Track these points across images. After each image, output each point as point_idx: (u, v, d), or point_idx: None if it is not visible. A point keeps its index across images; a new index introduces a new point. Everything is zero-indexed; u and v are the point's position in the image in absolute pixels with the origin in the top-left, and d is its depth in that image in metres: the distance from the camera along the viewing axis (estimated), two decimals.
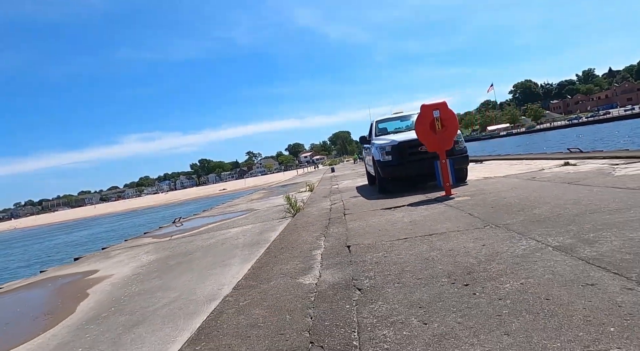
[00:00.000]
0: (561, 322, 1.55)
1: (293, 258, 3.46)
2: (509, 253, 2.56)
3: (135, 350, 2.18)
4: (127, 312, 2.92)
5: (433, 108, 5.89)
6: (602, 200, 3.68)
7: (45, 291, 4.48)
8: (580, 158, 7.90)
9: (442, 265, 2.53)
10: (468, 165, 7.33)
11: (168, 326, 2.44)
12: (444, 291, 2.09)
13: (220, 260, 4.21)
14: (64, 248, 19.60)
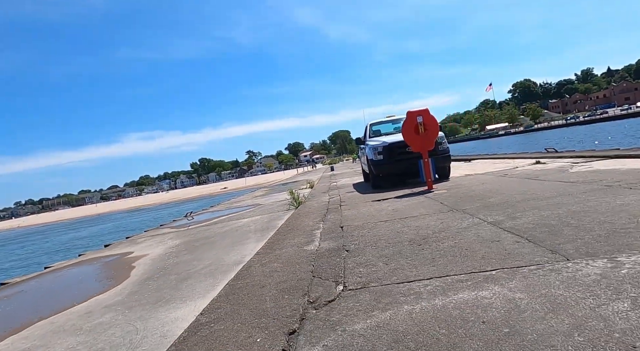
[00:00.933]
0: (467, 260, 2.52)
1: (298, 236, 4.43)
2: (456, 226, 3.52)
3: (191, 290, 3.15)
4: (174, 273, 3.89)
5: (417, 114, 6.85)
6: (543, 191, 4.64)
7: (95, 266, 5.44)
8: (552, 157, 8.87)
9: (408, 235, 3.49)
10: (450, 163, 8.28)
11: (209, 279, 3.41)
12: (404, 249, 3.05)
13: (238, 240, 5.18)
14: (81, 242, 20.58)
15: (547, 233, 2.79)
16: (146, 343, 2.18)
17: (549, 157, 8.95)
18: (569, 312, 1.60)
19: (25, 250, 22.08)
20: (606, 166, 6.05)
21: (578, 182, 4.94)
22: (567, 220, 3.08)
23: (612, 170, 5.45)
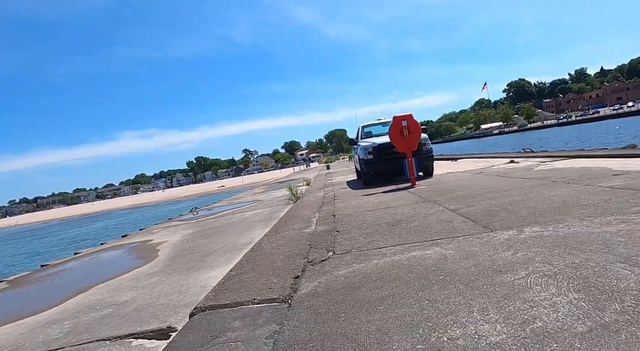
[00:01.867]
0: (424, 234, 3.41)
1: (298, 222, 5.32)
2: (424, 213, 4.42)
3: (215, 261, 4.03)
4: (197, 252, 4.77)
5: (402, 119, 7.74)
6: (502, 186, 5.56)
7: (122, 250, 6.31)
8: (526, 157, 9.81)
9: (385, 219, 4.39)
10: (433, 162, 9.19)
11: (228, 254, 4.29)
12: (380, 228, 3.95)
13: (246, 228, 6.06)
14: (89, 236, 21.36)
15: (487, 216, 3.70)
16: (192, 291, 3.07)
17: (524, 157, 9.90)
18: (474, 258, 2.50)
19: (39, 244, 22.84)
20: (564, 165, 6.98)
21: (533, 178, 5.86)
22: (506, 206, 3.99)
23: (566, 169, 6.38)
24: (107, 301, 3.24)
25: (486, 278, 2.14)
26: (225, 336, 1.97)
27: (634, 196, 3.51)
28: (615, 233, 2.51)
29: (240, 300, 2.41)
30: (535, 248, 2.50)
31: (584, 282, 1.87)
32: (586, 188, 4.29)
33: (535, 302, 1.75)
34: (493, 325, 1.61)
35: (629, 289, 1.72)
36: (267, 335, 1.92)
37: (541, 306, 1.70)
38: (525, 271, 2.14)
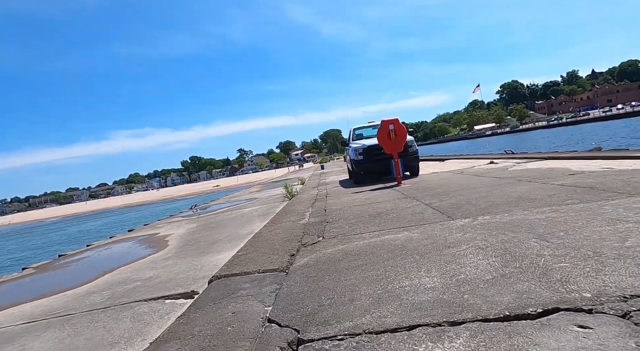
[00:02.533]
0: (399, 223, 4.09)
1: (293, 216, 5.97)
2: (402, 207, 5.10)
3: (221, 248, 4.67)
4: (204, 241, 5.41)
5: (389, 123, 8.42)
6: (476, 184, 6.25)
7: (132, 242, 6.92)
8: (505, 158, 10.55)
9: (369, 212, 5.06)
10: (418, 163, 9.88)
11: (232, 242, 4.93)
12: (363, 219, 4.62)
13: (246, 221, 6.70)
14: (91, 232, 21.83)
15: (454, 208, 4.38)
16: (205, 268, 3.71)
17: (504, 158, 10.63)
18: (433, 238, 3.18)
19: (42, 240, 23.27)
20: (535, 166, 7.70)
21: (504, 178, 6.57)
22: (471, 201, 4.68)
23: (535, 169, 7.10)
24: (134, 278, 3.88)
25: (437, 251, 2.82)
26: (238, 293, 2.63)
27: (574, 192, 4.21)
28: (543, 219, 3.20)
29: (248, 270, 3.07)
30: (480, 231, 3.18)
31: (503, 251, 2.55)
32: (541, 186, 4.99)
33: (465, 264, 2.42)
34: (432, 278, 2.28)
35: (531, 254, 2.40)
36: (270, 291, 2.58)
37: (468, 267, 2.37)
38: (466, 246, 2.82)
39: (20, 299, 3.84)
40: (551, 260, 2.25)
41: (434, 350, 1.52)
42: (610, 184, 4.31)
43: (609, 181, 4.53)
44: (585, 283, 1.86)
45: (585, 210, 3.30)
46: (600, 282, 1.84)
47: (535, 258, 2.31)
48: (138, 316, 2.65)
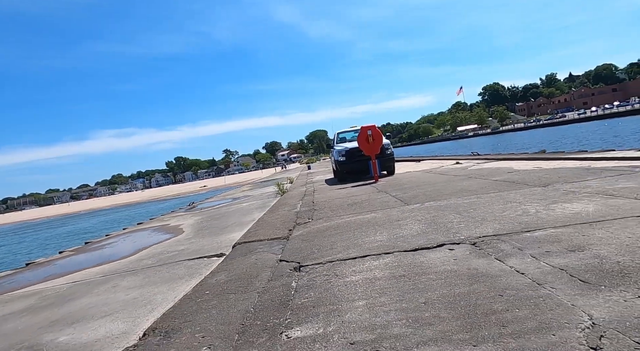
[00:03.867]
0: (368, 208, 5.43)
1: (287, 207, 7.27)
2: (374, 198, 6.45)
3: (231, 231, 5.93)
4: (214, 227, 6.66)
5: (368, 128, 9.80)
6: (436, 180, 7.66)
7: (148, 231, 8.08)
8: (469, 159, 12.04)
9: (348, 202, 6.39)
10: (394, 163, 11.27)
11: (239, 227, 6.19)
12: (343, 207, 5.95)
13: (246, 213, 7.96)
14: (91, 229, 22.62)
15: (411, 198, 5.75)
16: (225, 242, 4.98)
17: (468, 159, 12.13)
18: (390, 216, 4.52)
19: (43, 237, 23.93)
20: (489, 165, 9.16)
21: (459, 175, 7.99)
22: (427, 193, 6.06)
23: (487, 168, 8.55)
24: (169, 250, 5.11)
25: (390, 223, 4.16)
26: (256, 250, 3.92)
27: (500, 185, 5.62)
28: (466, 203, 4.58)
29: (260, 238, 4.37)
30: (423, 211, 4.54)
31: (430, 221, 3.91)
32: (482, 181, 6.41)
33: (404, 229, 3.76)
34: (382, 236, 3.62)
35: (446, 222, 3.75)
36: (278, 248, 3.88)
37: (405, 230, 3.72)
38: (409, 220, 4.17)
39: (83, 267, 5.03)
40: (455, 224, 3.62)
41: (374, 262, 2.85)
42: (527, 179, 5.74)
43: (529, 177, 5.97)
44: (465, 233, 3.22)
45: (497, 196, 4.70)
46: (473, 232, 3.21)
47: (447, 224, 3.67)
48: (188, 267, 3.91)
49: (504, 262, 2.39)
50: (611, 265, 2.06)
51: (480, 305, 1.85)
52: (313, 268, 2.97)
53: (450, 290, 2.10)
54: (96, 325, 2.61)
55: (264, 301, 2.43)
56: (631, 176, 4.67)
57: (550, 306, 1.72)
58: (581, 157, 7.45)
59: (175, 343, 1.99)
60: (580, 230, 2.76)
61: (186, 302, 2.69)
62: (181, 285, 3.25)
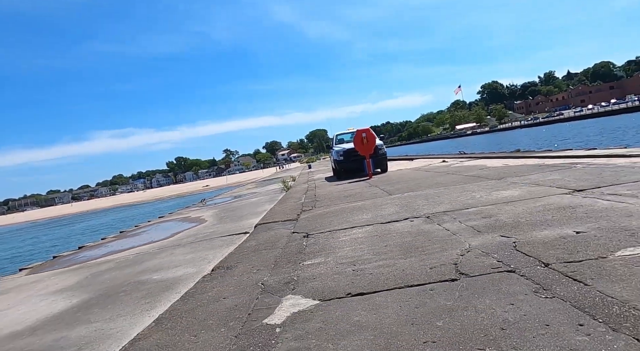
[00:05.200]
0: (361, 198, 6.74)
1: (293, 200, 8.59)
2: (366, 191, 7.76)
3: (249, 218, 7.25)
4: (233, 217, 7.97)
5: (362, 131, 11.11)
6: (421, 176, 8.97)
7: (173, 221, 9.39)
8: (455, 157, 13.35)
9: (344, 195, 7.71)
10: (387, 162, 12.58)
11: (254, 215, 7.50)
12: (340, 198, 7.26)
13: (258, 205, 9.27)
14: (105, 226, 23.95)
15: (395, 190, 7.06)
16: (246, 226, 6.29)
17: (454, 157, 13.44)
18: (376, 203, 5.83)
19: (60, 234, 25.31)
20: (468, 163, 10.47)
21: (441, 172, 9.30)
22: (409, 186, 7.37)
23: (465, 165, 9.85)
24: (201, 232, 6.42)
25: (375, 208, 5.47)
26: (274, 228, 5.24)
27: (467, 179, 6.93)
28: (435, 193, 5.89)
29: (275, 220, 5.69)
30: (401, 199, 5.85)
31: (404, 205, 5.22)
32: (456, 176, 7.72)
33: (385, 210, 5.08)
34: (367, 216, 4.93)
35: (415, 206, 5.07)
36: (290, 226, 5.19)
37: (385, 211, 5.03)
38: (389, 205, 5.48)
39: (132, 246, 6.35)
40: (421, 206, 4.93)
41: (359, 229, 4.17)
42: (490, 174, 7.05)
43: (493, 173, 7.28)
44: (424, 211, 4.54)
45: (460, 187, 6.02)
46: (430, 210, 4.53)
47: (415, 206, 4.99)
48: (223, 240, 5.22)
49: (441, 225, 3.71)
50: (499, 224, 3.37)
51: (416, 245, 3.17)
52: (317, 235, 4.29)
53: (402, 239, 3.41)
54: (174, 270, 3.93)
55: (286, 252, 3.75)
56: (564, 171, 5.98)
57: (452, 243, 3.03)
58: (542, 155, 8.77)
59: (236, 271, 3.31)
60: (498, 207, 4.07)
61: (232, 256, 4.01)
62: (223, 249, 4.57)
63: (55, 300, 3.60)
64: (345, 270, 2.81)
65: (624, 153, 6.55)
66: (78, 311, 3.11)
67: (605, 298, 1.71)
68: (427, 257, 2.79)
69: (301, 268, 3.08)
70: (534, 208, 3.74)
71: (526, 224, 3.19)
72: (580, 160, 6.97)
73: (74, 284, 4.16)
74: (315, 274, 2.85)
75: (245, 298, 2.55)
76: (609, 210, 3.19)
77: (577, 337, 1.46)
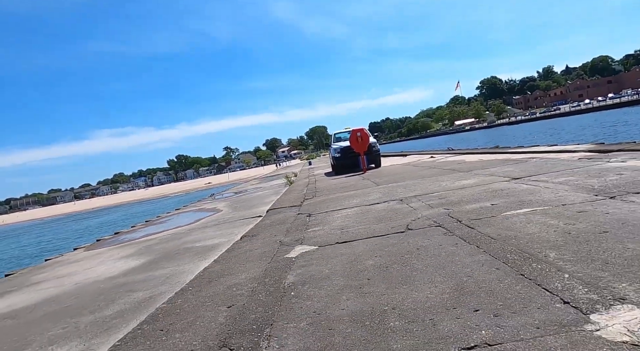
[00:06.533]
0: (353, 189, 8.07)
1: (296, 192, 9.92)
2: (359, 183, 9.08)
3: (259, 207, 8.58)
4: (244, 206, 9.31)
5: (357, 131, 12.44)
6: (408, 170, 10.28)
7: (192, 212, 10.72)
8: (443, 153, 14.66)
9: (340, 187, 9.03)
10: (380, 158, 13.89)
11: (263, 204, 8.84)
12: (337, 189, 8.59)
13: (265, 197, 10.60)
14: (118, 222, 25.34)
15: (383, 182, 8.38)
16: (257, 212, 7.62)
17: (442, 153, 14.75)
18: (364, 191, 7.16)
19: (76, 228, 26.71)
20: (451, 159, 11.77)
21: (426, 166, 10.62)
22: (395, 178, 8.69)
23: (448, 161, 11.16)
24: (221, 218, 7.74)
25: (363, 195, 6.80)
26: (282, 211, 6.57)
27: (443, 172, 8.25)
28: (413, 183, 7.21)
29: (283, 206, 7.03)
30: (385, 188, 7.17)
31: (386, 193, 6.55)
32: (435, 170, 9.03)
33: (370, 196, 6.40)
34: (356, 201, 6.26)
35: (396, 193, 6.39)
36: (295, 210, 6.52)
37: (370, 197, 6.36)
38: (375, 192, 6.80)
39: (164, 229, 7.68)
40: (398, 193, 6.25)
41: (348, 210, 5.49)
42: (464, 168, 8.36)
43: (466, 166, 8.60)
44: (400, 196, 5.86)
45: (434, 179, 7.33)
46: (404, 195, 5.85)
47: (394, 193, 6.31)
48: (242, 222, 6.55)
49: (408, 204, 5.03)
50: (447, 202, 4.69)
51: (387, 217, 4.49)
52: (316, 214, 5.62)
53: (378, 214, 4.74)
54: (210, 240, 5.26)
55: (294, 225, 5.07)
56: (519, 164, 7.29)
57: (410, 214, 4.36)
58: (512, 151, 10.09)
59: (259, 237, 4.64)
60: (454, 192, 5.39)
61: (254, 229, 5.34)
62: (244, 227, 5.90)
63: (126, 261, 4.93)
64: (336, 232, 4.13)
65: (569, 149, 7.86)
66: (149, 264, 4.45)
67: (479, 234, 3.04)
68: (391, 222, 4.11)
69: (306, 233, 4.41)
70: (477, 191, 5.06)
71: (464, 201, 4.52)
72: (537, 155, 8.28)
73: (133, 252, 5.50)
74: (316, 235, 4.18)
75: (270, 248, 3.88)
76: (523, 190, 4.51)
77: (452, 248, 2.79)
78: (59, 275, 4.88)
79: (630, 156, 5.63)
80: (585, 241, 2.41)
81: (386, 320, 1.84)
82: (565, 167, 5.80)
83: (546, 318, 1.59)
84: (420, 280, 2.30)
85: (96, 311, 2.96)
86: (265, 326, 2.04)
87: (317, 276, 2.74)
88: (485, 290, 1.99)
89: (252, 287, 2.74)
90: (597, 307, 1.59)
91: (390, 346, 1.60)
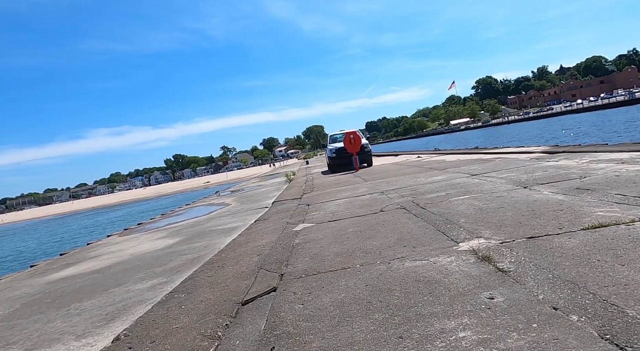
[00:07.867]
0: (344, 185, 9.41)
1: (296, 187, 11.25)
2: (350, 180, 10.42)
3: (264, 201, 9.91)
4: (252, 201, 10.63)
5: (350, 133, 13.80)
6: (395, 168, 11.64)
7: (202, 206, 12.03)
8: (429, 153, 16.03)
9: (334, 183, 10.37)
10: (371, 158, 15.25)
11: (267, 199, 10.16)
12: (331, 185, 9.93)
13: (268, 193, 11.93)
14: (126, 218, 26.56)
15: (371, 178, 9.72)
16: (263, 204, 8.95)
17: (429, 153, 16.12)
18: (354, 186, 8.50)
19: (80, 226, 27.92)
20: (435, 158, 13.13)
21: (411, 165, 11.97)
22: (382, 176, 10.03)
23: (431, 160, 12.52)
24: (232, 210, 9.05)
25: (352, 189, 8.14)
26: (285, 203, 7.91)
27: (423, 170, 9.60)
28: (396, 179, 8.56)
29: (286, 199, 8.37)
30: (372, 184, 8.52)
31: (372, 187, 7.89)
32: (417, 168, 10.38)
33: (358, 190, 7.75)
34: (346, 194, 7.60)
35: (380, 187, 7.74)
36: (296, 201, 7.85)
37: (358, 191, 7.70)
38: (362, 187, 8.14)
39: (182, 219, 8.98)
40: (382, 187, 7.60)
41: (340, 200, 6.84)
42: (441, 166, 9.72)
43: (444, 165, 9.95)
44: (382, 189, 7.21)
45: (413, 176, 8.68)
46: (385, 189, 7.20)
47: (378, 187, 7.65)
48: (252, 211, 7.87)
49: (386, 195, 6.36)
50: (416, 193, 6.03)
51: (368, 204, 5.82)
52: (314, 204, 6.95)
53: (362, 203, 6.07)
54: (229, 225, 6.58)
55: (296, 212, 6.40)
56: (485, 163, 8.64)
57: (386, 202, 5.70)
58: (485, 151, 11.46)
59: (269, 220, 5.97)
60: (424, 185, 6.73)
61: (264, 216, 6.67)
62: (255, 215, 7.23)
63: (164, 240, 6.24)
64: (329, 215, 5.47)
65: (530, 150, 9.24)
66: (186, 241, 5.76)
67: (427, 212, 4.38)
68: (371, 207, 5.45)
69: (306, 216, 5.74)
70: (441, 185, 6.41)
71: (428, 192, 5.86)
72: (503, 155, 9.65)
73: (166, 235, 6.82)
74: (313, 217, 5.51)
75: (280, 226, 5.22)
76: (473, 184, 5.86)
77: (405, 220, 4.14)
78: (112, 251, 6.19)
79: (565, 157, 7.00)
80: (486, 212, 3.77)
81: (354, 254, 3.19)
82: (516, 165, 7.16)
83: (439, 246, 2.95)
84: (379, 237, 3.65)
85: (162, 265, 4.28)
86: (284, 261, 3.38)
87: (314, 239, 4.07)
88: (414, 238, 3.33)
89: (271, 246, 4.08)
90: (464, 239, 2.96)
91: (354, 262, 2.95)
